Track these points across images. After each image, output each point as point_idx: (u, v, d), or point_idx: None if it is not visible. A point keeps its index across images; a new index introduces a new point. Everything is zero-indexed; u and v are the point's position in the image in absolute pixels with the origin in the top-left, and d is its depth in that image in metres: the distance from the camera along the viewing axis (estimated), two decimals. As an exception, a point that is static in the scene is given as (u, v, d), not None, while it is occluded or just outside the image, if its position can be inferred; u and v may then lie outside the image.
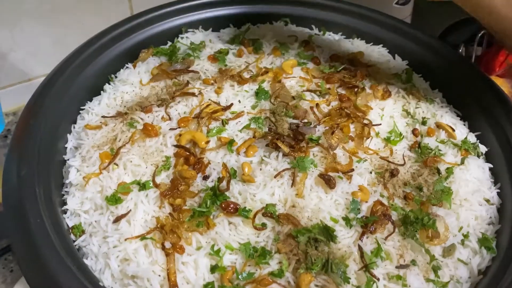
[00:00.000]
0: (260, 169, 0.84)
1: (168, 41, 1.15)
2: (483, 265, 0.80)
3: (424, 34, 1.15)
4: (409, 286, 0.74)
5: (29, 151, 0.82)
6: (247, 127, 0.90)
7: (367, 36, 1.20)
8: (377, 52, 1.17)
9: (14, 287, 0.74)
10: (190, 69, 1.04)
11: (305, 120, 0.93)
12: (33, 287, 0.67)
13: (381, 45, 1.19)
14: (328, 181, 0.81)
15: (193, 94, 0.96)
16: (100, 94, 1.02)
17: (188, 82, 1.00)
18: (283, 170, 0.82)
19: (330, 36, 1.23)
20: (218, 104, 0.95)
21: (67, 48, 1.05)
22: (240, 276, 0.71)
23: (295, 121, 0.92)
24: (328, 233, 0.75)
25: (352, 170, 0.85)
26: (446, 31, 1.47)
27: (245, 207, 0.77)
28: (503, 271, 0.76)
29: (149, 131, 0.88)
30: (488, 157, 0.97)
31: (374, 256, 0.74)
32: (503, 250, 0.81)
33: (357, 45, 1.19)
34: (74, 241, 0.79)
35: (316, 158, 0.86)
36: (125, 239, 0.75)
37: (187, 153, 0.85)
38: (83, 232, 0.79)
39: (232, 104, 0.94)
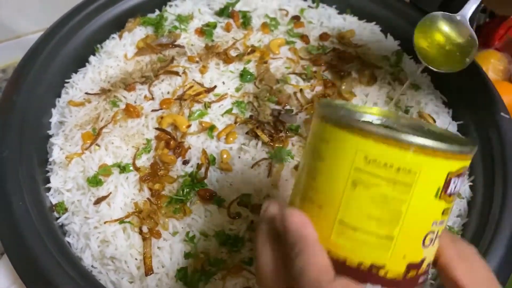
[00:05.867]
0: (239, 157, 0.85)
1: (156, 9, 1.12)
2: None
3: (417, 11, 1.12)
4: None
5: (12, 129, 0.84)
6: (229, 111, 0.91)
7: (361, 12, 1.17)
8: (369, 31, 1.14)
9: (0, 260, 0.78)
10: (175, 43, 1.02)
11: (288, 107, 0.93)
12: (16, 267, 0.71)
13: (374, 22, 1.16)
14: (303, 173, 0.83)
15: (177, 73, 0.95)
16: (85, 65, 1.02)
17: (173, 59, 0.99)
18: (260, 160, 0.84)
19: (324, 8, 1.19)
20: (202, 85, 0.94)
21: (55, 4, 1.02)
22: (212, 263, 0.75)
23: (277, 107, 0.93)
24: (298, 226, 0.78)
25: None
26: (448, -3, 1.43)
27: (220, 196, 0.80)
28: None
29: (131, 112, 0.89)
30: (466, 148, 0.98)
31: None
32: (466, 244, 0.85)
33: (349, 21, 1.16)
34: (57, 218, 0.82)
35: (295, 148, 0.87)
36: (104, 222, 0.78)
37: (168, 137, 0.86)
38: (66, 210, 0.82)
39: (215, 86, 0.94)
